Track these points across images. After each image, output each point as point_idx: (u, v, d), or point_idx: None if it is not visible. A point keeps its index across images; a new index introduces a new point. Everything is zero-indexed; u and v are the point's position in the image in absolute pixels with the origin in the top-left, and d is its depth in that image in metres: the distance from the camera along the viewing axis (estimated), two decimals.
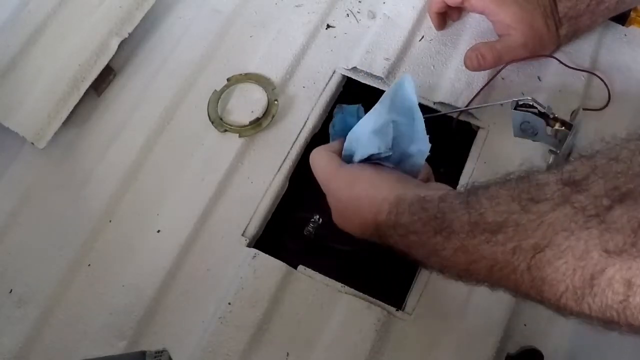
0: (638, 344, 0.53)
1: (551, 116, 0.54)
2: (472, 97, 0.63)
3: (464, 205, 0.38)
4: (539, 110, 0.55)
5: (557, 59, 0.64)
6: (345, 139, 0.56)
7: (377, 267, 0.61)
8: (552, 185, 0.33)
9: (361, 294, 0.55)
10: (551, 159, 0.57)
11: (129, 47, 0.69)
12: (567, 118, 0.55)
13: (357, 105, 0.61)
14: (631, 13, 0.67)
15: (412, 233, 0.42)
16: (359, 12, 0.71)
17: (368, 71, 0.65)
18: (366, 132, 0.53)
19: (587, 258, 0.31)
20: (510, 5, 0.60)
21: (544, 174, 0.35)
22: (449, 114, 0.63)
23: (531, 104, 0.55)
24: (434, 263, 0.42)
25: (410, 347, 0.53)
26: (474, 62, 0.62)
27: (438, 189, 0.47)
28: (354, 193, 0.50)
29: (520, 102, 0.55)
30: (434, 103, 0.64)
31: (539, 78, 0.65)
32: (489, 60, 0.61)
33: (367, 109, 0.67)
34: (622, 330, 0.32)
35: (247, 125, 0.63)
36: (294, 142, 0.63)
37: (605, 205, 0.30)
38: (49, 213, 0.61)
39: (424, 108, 0.64)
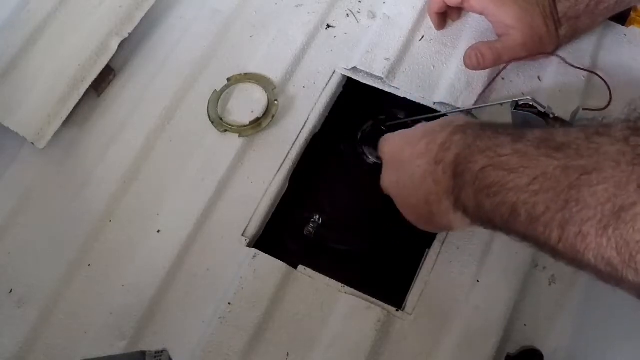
0: (638, 344, 0.53)
1: (551, 116, 0.54)
2: (472, 97, 0.63)
3: (543, 130, 0.41)
4: (539, 110, 0.54)
5: (559, 56, 0.64)
6: None
7: (377, 267, 0.61)
8: (618, 126, 0.35)
9: (361, 294, 0.55)
10: None
11: (129, 47, 0.69)
12: (567, 118, 0.55)
13: None
14: (631, 13, 0.67)
15: (490, 129, 0.44)
16: (359, 12, 0.71)
17: (368, 71, 0.65)
18: None
19: (623, 189, 0.32)
20: (509, 5, 0.60)
21: (616, 120, 0.37)
22: (449, 114, 0.63)
23: (531, 104, 0.55)
24: (483, 159, 0.42)
25: (410, 347, 0.53)
26: (473, 60, 0.62)
27: None
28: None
29: (520, 102, 0.55)
30: (434, 103, 0.64)
31: (539, 78, 0.65)
32: (488, 59, 0.62)
33: (367, 109, 0.67)
34: (622, 285, 0.33)
35: (247, 125, 0.63)
36: (294, 142, 0.63)
37: None
38: (49, 213, 0.61)
39: (424, 108, 0.64)
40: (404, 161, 0.52)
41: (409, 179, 0.51)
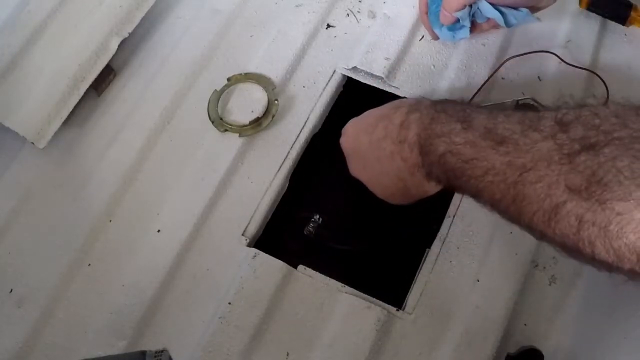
0: (638, 344, 0.53)
1: None
2: (472, 96, 0.63)
3: (487, 113, 0.44)
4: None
5: (557, 55, 0.64)
6: None
7: (377, 267, 0.61)
8: (548, 121, 0.39)
9: (361, 293, 0.55)
10: None
11: (129, 47, 0.69)
12: None
13: None
14: (631, 13, 0.67)
15: (442, 112, 0.47)
16: (359, 12, 0.71)
17: (368, 71, 0.65)
18: None
19: (556, 188, 0.36)
20: None
21: (548, 110, 0.41)
22: None
23: (531, 104, 0.55)
24: (441, 145, 0.45)
25: (410, 347, 0.53)
26: None
27: None
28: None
29: (521, 102, 0.55)
30: None
31: (539, 78, 0.65)
32: None
33: (367, 109, 0.67)
34: (580, 258, 0.37)
35: (247, 125, 0.63)
36: (294, 142, 0.63)
37: (576, 149, 0.36)
38: (49, 213, 0.61)
39: None
40: (365, 148, 0.54)
41: (376, 162, 0.53)
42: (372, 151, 0.53)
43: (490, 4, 0.58)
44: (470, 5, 0.59)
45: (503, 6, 0.58)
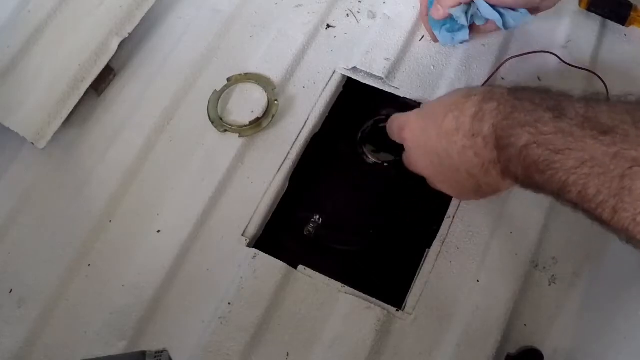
0: (638, 344, 0.53)
1: None
2: None
3: (583, 102, 0.40)
4: None
5: (557, 56, 0.64)
6: None
7: (377, 267, 0.61)
8: None
9: (361, 294, 0.55)
10: None
11: (129, 47, 0.69)
12: None
13: None
14: (631, 13, 0.67)
15: (527, 100, 0.43)
16: (359, 12, 0.71)
17: (368, 71, 0.65)
18: None
19: None
20: None
21: None
22: None
23: None
24: (525, 135, 0.41)
25: (410, 347, 0.53)
26: None
27: None
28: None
29: None
30: None
31: (539, 78, 0.65)
32: None
33: (367, 109, 0.67)
34: None
35: (247, 125, 0.63)
36: (294, 142, 0.63)
37: None
38: (49, 213, 0.61)
39: None
40: (433, 141, 0.49)
41: (445, 158, 0.48)
42: (442, 145, 0.48)
43: (490, 5, 0.58)
44: (468, 4, 0.59)
45: (502, 7, 0.59)
